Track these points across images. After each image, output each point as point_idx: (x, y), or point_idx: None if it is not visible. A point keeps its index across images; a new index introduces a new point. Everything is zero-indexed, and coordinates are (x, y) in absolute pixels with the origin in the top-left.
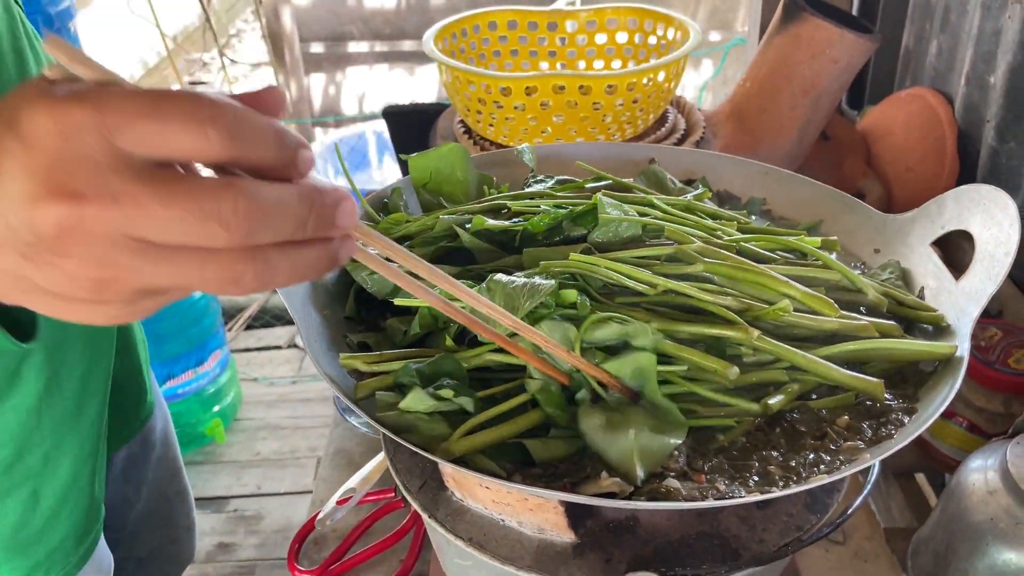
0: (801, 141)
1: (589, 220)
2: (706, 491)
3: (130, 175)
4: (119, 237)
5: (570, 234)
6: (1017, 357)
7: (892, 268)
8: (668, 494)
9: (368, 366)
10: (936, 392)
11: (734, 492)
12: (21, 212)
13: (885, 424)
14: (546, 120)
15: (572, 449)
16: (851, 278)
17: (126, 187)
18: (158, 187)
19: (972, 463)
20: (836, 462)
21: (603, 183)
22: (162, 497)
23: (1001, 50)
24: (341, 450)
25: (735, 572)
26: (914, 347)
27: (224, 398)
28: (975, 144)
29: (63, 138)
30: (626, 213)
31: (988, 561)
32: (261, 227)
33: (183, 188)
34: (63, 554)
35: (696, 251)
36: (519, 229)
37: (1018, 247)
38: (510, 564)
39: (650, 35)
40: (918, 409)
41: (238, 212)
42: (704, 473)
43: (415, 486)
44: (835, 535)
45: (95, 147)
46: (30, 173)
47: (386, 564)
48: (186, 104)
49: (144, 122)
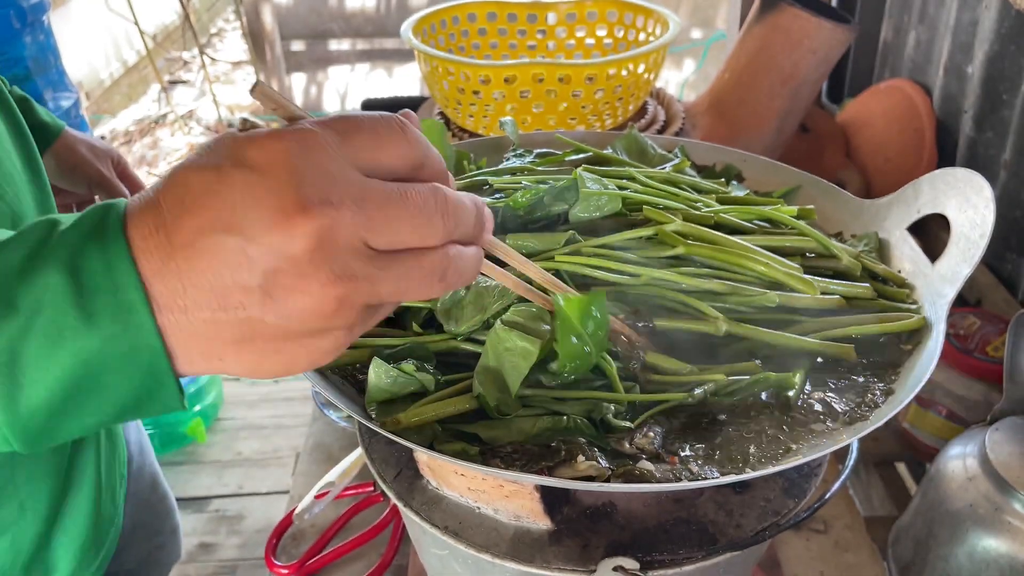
0: (780, 132)
1: (570, 195)
2: (679, 472)
3: (363, 184)
4: (359, 246)
5: (551, 210)
6: (995, 345)
7: (869, 240)
8: (642, 476)
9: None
10: (912, 374)
11: (706, 473)
12: (270, 235)
13: (861, 406)
14: (526, 110)
15: (521, 435)
16: (825, 244)
17: (365, 193)
18: (387, 192)
19: (951, 450)
20: (813, 444)
21: (584, 156)
22: (145, 507)
23: (978, 40)
24: (320, 444)
25: (713, 557)
26: (884, 323)
27: (205, 398)
28: (953, 134)
29: (300, 156)
30: (606, 187)
31: (967, 547)
32: (458, 224)
33: (405, 192)
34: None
35: (677, 231)
36: (500, 206)
37: (993, 230)
38: (486, 552)
39: (630, 28)
40: (895, 391)
41: (447, 210)
42: (676, 455)
43: (390, 475)
44: (816, 524)
45: (328, 161)
46: (274, 194)
47: (365, 558)
48: (392, 123)
49: (366, 138)
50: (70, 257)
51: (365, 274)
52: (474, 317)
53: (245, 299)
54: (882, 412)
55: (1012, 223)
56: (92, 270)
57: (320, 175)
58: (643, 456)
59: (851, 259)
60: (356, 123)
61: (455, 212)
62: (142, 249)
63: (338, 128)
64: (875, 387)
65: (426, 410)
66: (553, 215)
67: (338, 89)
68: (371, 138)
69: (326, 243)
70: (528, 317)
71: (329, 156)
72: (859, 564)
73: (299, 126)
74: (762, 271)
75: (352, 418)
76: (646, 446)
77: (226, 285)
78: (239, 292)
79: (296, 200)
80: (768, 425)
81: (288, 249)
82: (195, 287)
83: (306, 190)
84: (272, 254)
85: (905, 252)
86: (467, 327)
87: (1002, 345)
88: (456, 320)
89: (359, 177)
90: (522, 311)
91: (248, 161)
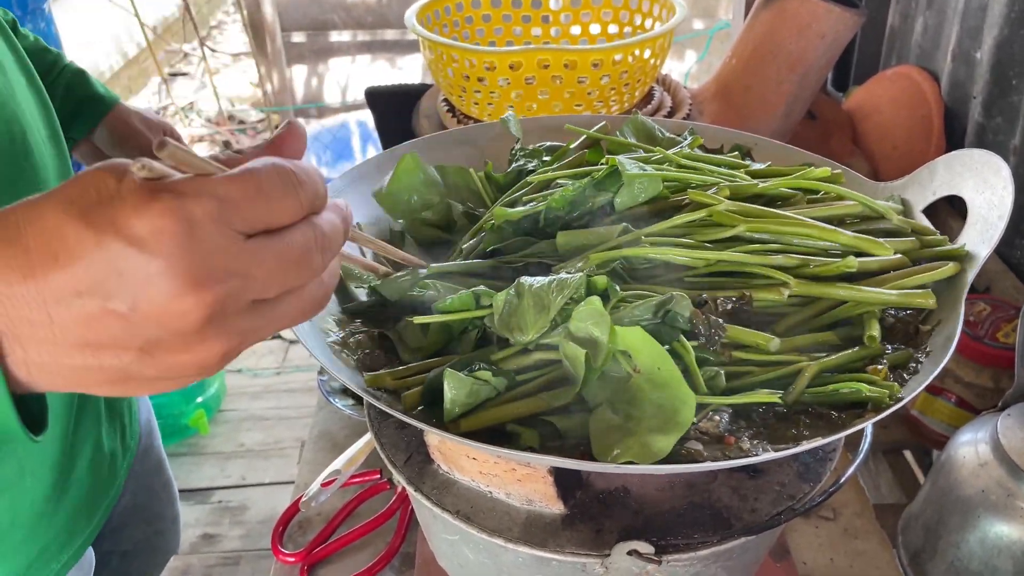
0: (787, 118)
1: (612, 183)
2: (732, 453)
3: (249, 250)
4: (246, 306)
5: (595, 202)
6: (1005, 331)
7: (894, 199)
8: (689, 456)
9: (395, 382)
10: (930, 357)
11: (756, 451)
12: (159, 313)
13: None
14: (531, 96)
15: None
16: (871, 205)
17: (251, 260)
18: (270, 250)
19: (962, 437)
20: (836, 425)
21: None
22: (147, 490)
23: (987, 25)
24: (325, 433)
25: (727, 541)
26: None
27: (208, 389)
28: (961, 121)
29: (189, 235)
30: (644, 170)
31: (979, 534)
32: (331, 248)
33: (285, 243)
34: (47, 560)
35: (729, 211)
36: (542, 209)
37: (1011, 212)
38: (498, 536)
39: (635, 13)
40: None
41: (325, 244)
42: (735, 435)
43: (400, 460)
44: (825, 511)
45: (218, 236)
46: (164, 277)
47: (372, 546)
48: (280, 179)
49: (252, 205)
50: None
51: (254, 328)
52: (539, 319)
53: (122, 355)
54: (910, 387)
55: (1021, 209)
56: None
57: (207, 253)
58: (706, 438)
59: (899, 218)
60: (249, 187)
61: (331, 240)
62: (5, 295)
63: (229, 195)
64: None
65: (486, 415)
66: (596, 208)
67: (339, 80)
68: (262, 204)
69: (215, 316)
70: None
71: (215, 230)
72: (869, 551)
73: (197, 195)
74: (844, 241)
75: (359, 405)
76: (711, 429)
77: (101, 343)
78: (115, 350)
79: (186, 282)
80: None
81: (177, 326)
82: (64, 341)
83: (195, 272)
84: (158, 328)
85: None
86: (535, 332)
87: (1012, 331)
88: (521, 329)
89: (243, 246)
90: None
91: (133, 236)
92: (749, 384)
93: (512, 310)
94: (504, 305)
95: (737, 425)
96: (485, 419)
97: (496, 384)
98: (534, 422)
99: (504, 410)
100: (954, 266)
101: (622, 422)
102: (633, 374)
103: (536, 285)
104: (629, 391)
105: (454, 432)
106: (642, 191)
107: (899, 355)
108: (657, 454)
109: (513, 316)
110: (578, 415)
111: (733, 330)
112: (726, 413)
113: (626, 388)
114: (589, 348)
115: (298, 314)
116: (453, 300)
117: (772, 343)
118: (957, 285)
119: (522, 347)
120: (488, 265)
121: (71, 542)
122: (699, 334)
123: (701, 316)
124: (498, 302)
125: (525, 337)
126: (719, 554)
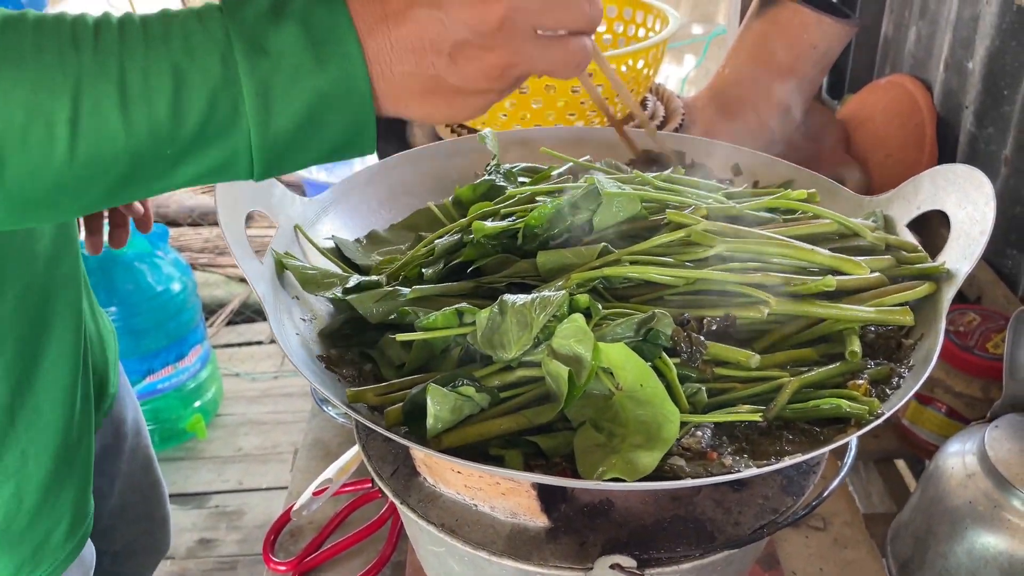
0: (780, 127)
1: (590, 202)
2: (714, 469)
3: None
4: (530, 30)
5: (574, 221)
6: (995, 342)
7: (874, 216)
8: (671, 472)
9: (378, 398)
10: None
11: (739, 467)
12: (467, 13)
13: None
14: (525, 106)
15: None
16: (846, 224)
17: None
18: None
19: (950, 447)
20: (817, 440)
21: (566, 167)
22: (136, 490)
23: (979, 35)
24: (318, 441)
25: (710, 555)
26: (909, 291)
27: (205, 393)
28: (954, 130)
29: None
30: (622, 189)
31: (967, 544)
32: (597, 17)
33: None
34: (51, 549)
35: (707, 230)
36: (520, 227)
37: (993, 227)
38: (483, 549)
39: (629, 24)
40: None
41: (594, 4)
42: (717, 451)
43: (387, 472)
44: (815, 521)
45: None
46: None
47: (364, 555)
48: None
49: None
50: (303, 14)
51: (529, 54)
52: (521, 336)
53: (436, 61)
54: (891, 402)
55: (1012, 219)
56: (320, 25)
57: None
58: (688, 454)
59: (873, 235)
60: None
61: (595, 6)
62: (359, 13)
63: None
64: (898, 370)
65: (479, 430)
66: (575, 226)
67: None
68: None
69: (508, 25)
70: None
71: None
72: (858, 561)
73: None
74: (821, 260)
75: (349, 415)
76: (693, 445)
77: (424, 48)
78: (432, 55)
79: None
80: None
81: (479, 26)
82: (399, 47)
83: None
84: (465, 28)
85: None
86: (518, 349)
87: (1002, 342)
88: (503, 346)
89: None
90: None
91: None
92: (731, 400)
93: (495, 327)
94: (487, 322)
95: (720, 440)
96: (468, 435)
97: (479, 400)
98: (518, 442)
99: (487, 426)
100: (929, 285)
101: (606, 440)
102: (615, 391)
103: (519, 303)
104: (611, 408)
105: (435, 448)
106: (621, 210)
107: (880, 370)
108: (642, 471)
109: (496, 333)
110: (561, 434)
111: (714, 347)
112: (708, 429)
113: (608, 405)
114: (572, 365)
115: (559, 60)
116: (436, 317)
117: (752, 359)
118: (937, 301)
119: (505, 364)
120: (469, 287)
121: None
122: (681, 351)
123: (682, 333)
124: (481, 319)
125: (508, 354)
126: (702, 567)
